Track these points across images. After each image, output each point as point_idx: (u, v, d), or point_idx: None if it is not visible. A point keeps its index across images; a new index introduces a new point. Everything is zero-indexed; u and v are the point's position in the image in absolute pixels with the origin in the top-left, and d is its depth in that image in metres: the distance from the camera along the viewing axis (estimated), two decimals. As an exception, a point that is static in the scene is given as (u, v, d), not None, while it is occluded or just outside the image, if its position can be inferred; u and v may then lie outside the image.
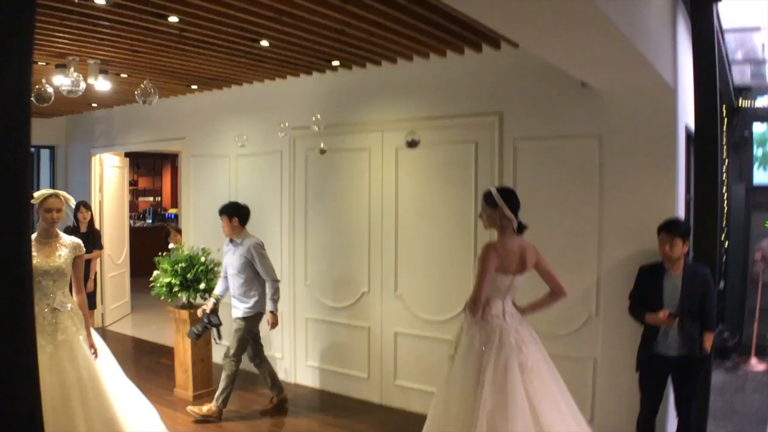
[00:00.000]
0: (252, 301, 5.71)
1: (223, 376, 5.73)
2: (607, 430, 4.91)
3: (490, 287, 3.81)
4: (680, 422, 4.43)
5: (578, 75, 4.67)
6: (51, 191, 4.35)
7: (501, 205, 3.87)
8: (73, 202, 4.55)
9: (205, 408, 5.68)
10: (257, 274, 5.72)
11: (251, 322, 5.75)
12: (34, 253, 4.15)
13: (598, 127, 4.92)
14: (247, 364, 5.97)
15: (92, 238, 7.51)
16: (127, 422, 4.25)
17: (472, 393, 3.66)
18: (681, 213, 4.81)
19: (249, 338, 5.79)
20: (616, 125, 4.85)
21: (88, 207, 7.64)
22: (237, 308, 5.76)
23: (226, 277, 5.92)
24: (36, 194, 4.35)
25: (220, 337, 5.91)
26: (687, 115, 5.02)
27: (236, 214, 5.74)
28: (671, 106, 4.71)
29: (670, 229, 4.32)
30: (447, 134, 5.71)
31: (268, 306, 5.74)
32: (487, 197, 3.95)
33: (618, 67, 4.11)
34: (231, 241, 5.82)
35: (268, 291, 5.73)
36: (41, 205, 4.26)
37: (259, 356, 6.01)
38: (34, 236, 4.26)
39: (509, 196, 3.92)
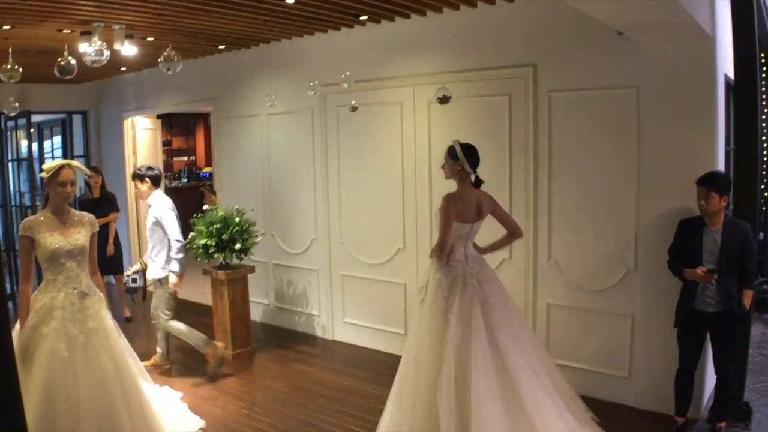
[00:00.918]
0: (162, 262, 5.78)
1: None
2: (645, 386, 4.90)
3: (453, 235, 4.24)
4: (719, 378, 4.39)
5: (613, 24, 4.51)
6: (63, 161, 3.97)
7: (461, 159, 4.27)
8: (87, 171, 4.30)
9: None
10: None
11: (166, 282, 5.80)
12: (49, 234, 3.86)
13: (636, 77, 4.76)
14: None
15: (107, 202, 7.59)
16: (162, 416, 4.26)
17: (440, 329, 4.10)
18: (721, 164, 4.68)
19: (171, 295, 5.83)
20: (654, 75, 4.69)
21: (98, 171, 7.67)
22: (151, 269, 5.85)
23: None
24: (45, 166, 3.98)
25: (132, 300, 6.28)
26: (726, 64, 4.83)
27: (145, 176, 5.80)
28: (710, 55, 4.54)
29: (706, 183, 4.20)
30: (480, 87, 5.60)
31: (171, 266, 5.73)
32: (450, 151, 4.34)
33: (655, 17, 3.95)
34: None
35: (172, 251, 5.72)
36: (53, 179, 3.87)
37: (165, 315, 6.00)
38: (42, 214, 3.95)
39: (470, 153, 4.31)
